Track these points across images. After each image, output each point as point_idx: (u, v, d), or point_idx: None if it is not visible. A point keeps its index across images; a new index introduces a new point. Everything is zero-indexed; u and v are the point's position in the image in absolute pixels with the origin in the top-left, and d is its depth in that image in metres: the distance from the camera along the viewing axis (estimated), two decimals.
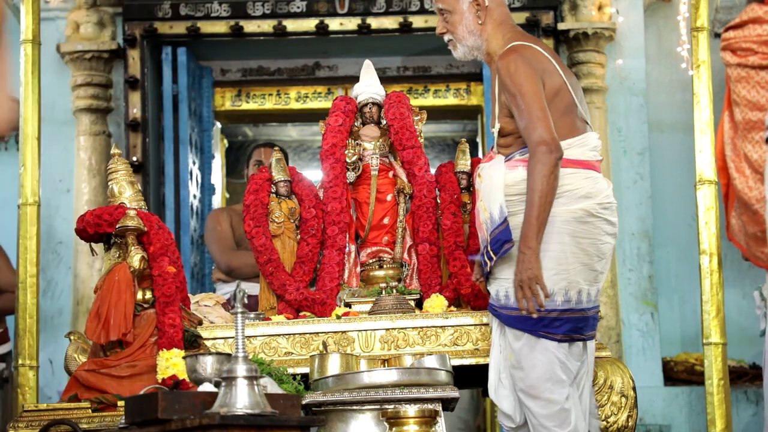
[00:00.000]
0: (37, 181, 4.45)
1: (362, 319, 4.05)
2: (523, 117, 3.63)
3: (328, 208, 4.33)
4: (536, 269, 3.54)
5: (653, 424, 6.41)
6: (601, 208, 3.68)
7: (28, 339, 4.35)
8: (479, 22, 3.85)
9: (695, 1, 4.52)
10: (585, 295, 3.65)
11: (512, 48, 3.74)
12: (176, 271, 3.86)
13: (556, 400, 3.60)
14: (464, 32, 3.86)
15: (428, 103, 7.52)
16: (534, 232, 3.55)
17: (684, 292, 6.83)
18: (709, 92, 4.47)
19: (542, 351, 3.61)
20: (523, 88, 3.63)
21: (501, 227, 3.63)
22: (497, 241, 3.64)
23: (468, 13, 3.84)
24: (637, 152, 6.67)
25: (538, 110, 3.60)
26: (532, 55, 3.72)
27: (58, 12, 6.89)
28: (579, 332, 3.66)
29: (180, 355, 3.64)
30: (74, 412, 3.63)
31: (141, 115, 6.75)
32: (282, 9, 6.84)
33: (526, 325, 3.62)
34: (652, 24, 7.07)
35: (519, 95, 3.63)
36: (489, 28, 3.85)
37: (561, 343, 3.62)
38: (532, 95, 3.62)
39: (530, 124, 3.60)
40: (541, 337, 3.61)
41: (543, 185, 3.55)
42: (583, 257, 3.64)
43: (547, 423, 3.59)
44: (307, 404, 3.54)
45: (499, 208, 3.64)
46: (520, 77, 3.64)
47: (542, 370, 3.60)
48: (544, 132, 3.57)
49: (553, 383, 3.60)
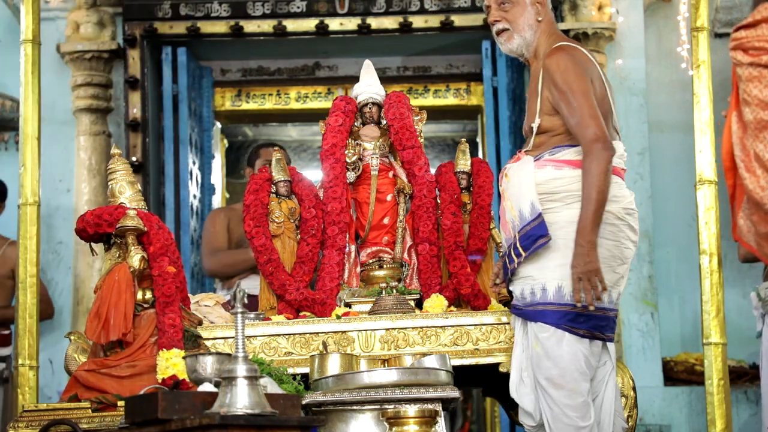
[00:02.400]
0: (37, 181, 4.45)
1: (362, 319, 4.05)
2: (575, 114, 3.67)
3: (328, 208, 4.33)
4: (595, 262, 3.59)
5: (653, 424, 6.41)
6: (625, 213, 3.75)
7: (28, 339, 4.35)
8: (538, 19, 3.90)
9: (695, 1, 4.53)
10: (606, 296, 3.67)
11: (560, 47, 3.79)
12: (176, 271, 3.86)
13: (581, 392, 3.63)
14: (524, 24, 3.91)
15: (428, 103, 7.52)
16: (592, 226, 3.59)
17: (684, 292, 6.83)
18: (709, 92, 4.47)
19: (568, 343, 3.65)
20: (574, 85, 3.68)
21: (534, 223, 3.67)
22: (529, 237, 3.68)
23: (531, 8, 3.90)
24: (637, 152, 6.67)
25: (590, 108, 3.66)
26: (580, 57, 3.77)
27: (58, 12, 6.90)
28: (600, 330, 3.70)
29: (180, 355, 3.64)
30: (74, 412, 3.63)
31: (141, 115, 6.76)
32: (282, 9, 6.85)
33: (552, 319, 3.66)
34: (652, 24, 7.07)
35: (570, 92, 3.68)
36: (543, 27, 3.91)
37: (583, 338, 3.66)
38: (584, 93, 3.67)
39: (583, 121, 3.65)
40: (566, 332, 3.65)
41: (600, 181, 3.60)
42: (607, 257, 3.67)
43: (571, 413, 3.62)
44: (307, 404, 3.54)
45: (530, 205, 3.68)
46: (570, 75, 3.69)
47: (569, 360, 3.64)
48: (598, 129, 3.63)
49: (579, 374, 3.64)
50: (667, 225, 6.86)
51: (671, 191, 6.83)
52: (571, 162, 3.72)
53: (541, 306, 3.68)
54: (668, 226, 6.86)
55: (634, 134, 6.68)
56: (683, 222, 6.73)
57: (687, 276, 6.70)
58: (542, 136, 3.79)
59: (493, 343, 4.03)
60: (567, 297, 3.65)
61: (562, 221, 3.68)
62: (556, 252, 3.67)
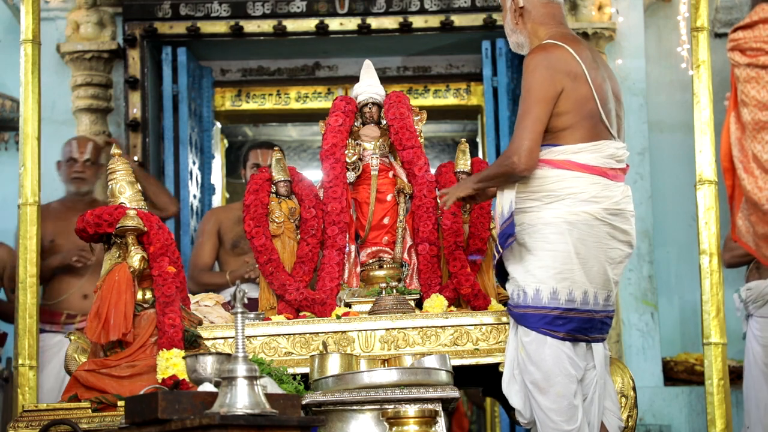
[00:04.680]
0: (37, 181, 4.44)
1: (362, 319, 4.05)
2: (519, 118, 3.69)
3: (328, 208, 4.33)
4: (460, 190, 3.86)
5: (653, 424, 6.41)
6: (608, 213, 3.72)
7: (28, 339, 4.35)
8: (515, 23, 3.93)
9: (695, 1, 4.52)
10: (591, 297, 3.68)
11: (541, 46, 3.79)
12: (176, 271, 3.86)
13: (565, 395, 3.64)
14: (508, 29, 3.99)
15: (428, 103, 7.51)
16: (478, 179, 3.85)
17: (684, 292, 6.83)
18: (709, 92, 4.47)
19: (550, 346, 3.66)
20: (531, 90, 3.68)
21: (508, 221, 3.70)
22: (503, 235, 3.72)
23: (509, 12, 3.94)
24: (637, 152, 6.67)
25: (533, 119, 3.66)
26: (559, 57, 3.73)
27: (58, 12, 6.90)
28: (583, 333, 3.70)
29: (180, 355, 3.64)
30: (74, 412, 3.63)
31: (141, 115, 6.76)
32: (282, 9, 6.85)
33: (530, 323, 3.69)
34: (652, 24, 7.07)
35: (525, 94, 3.69)
36: (530, 27, 3.92)
37: (564, 341, 3.66)
38: (536, 101, 3.66)
39: (520, 128, 3.67)
40: (545, 335, 3.66)
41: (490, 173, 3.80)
42: (590, 259, 3.68)
43: (555, 417, 3.63)
44: (307, 404, 3.54)
45: (509, 204, 3.72)
46: (531, 78, 3.69)
47: (552, 363, 3.65)
48: (523, 141, 3.64)
49: (563, 377, 3.65)
50: (667, 225, 6.86)
51: (671, 191, 6.83)
52: (551, 162, 3.72)
53: (522, 309, 3.72)
54: (668, 226, 6.86)
55: (634, 134, 6.68)
56: (683, 222, 6.73)
57: (687, 276, 6.71)
58: None
59: (493, 343, 4.03)
60: (545, 300, 3.67)
61: (541, 223, 3.70)
62: (534, 254, 3.71)
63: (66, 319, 5.66)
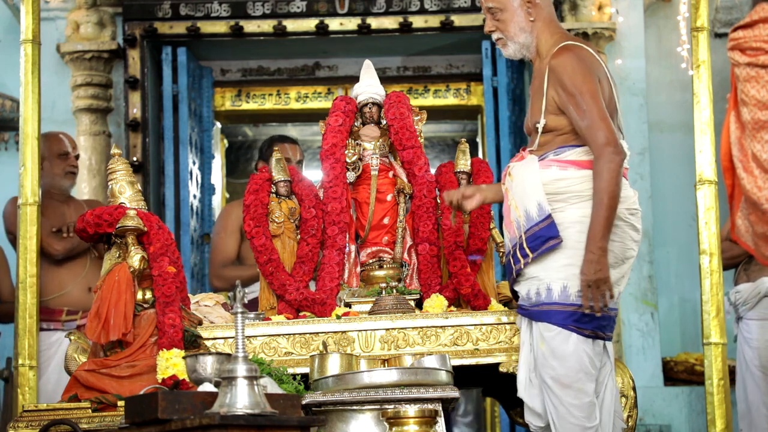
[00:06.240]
0: (37, 181, 4.44)
1: (362, 319, 4.05)
2: (585, 117, 3.64)
3: (328, 208, 4.33)
4: (606, 270, 3.57)
5: (653, 424, 6.41)
6: (629, 213, 3.73)
7: (28, 339, 4.35)
8: (531, 19, 3.84)
9: (695, 1, 4.52)
10: (616, 295, 3.68)
11: (567, 47, 3.75)
12: (176, 271, 3.86)
13: (587, 392, 3.63)
14: (516, 30, 3.86)
15: (428, 103, 7.52)
16: (603, 232, 3.57)
17: (684, 292, 6.84)
18: (709, 92, 4.46)
19: (574, 343, 3.64)
20: (583, 87, 3.64)
21: (543, 224, 3.65)
22: (537, 238, 3.66)
23: (520, 11, 3.84)
24: (637, 152, 6.67)
25: (599, 111, 3.63)
26: (587, 56, 3.73)
27: (58, 12, 6.90)
28: (602, 330, 3.71)
29: (180, 355, 3.64)
30: (74, 412, 3.63)
31: (141, 115, 6.76)
32: (282, 9, 6.85)
33: (558, 319, 3.65)
34: (652, 24, 7.07)
35: (579, 95, 3.64)
36: (539, 26, 3.85)
37: (587, 338, 3.66)
38: (593, 95, 3.64)
39: (593, 124, 3.62)
40: (572, 332, 3.64)
41: (612, 186, 3.58)
42: (611, 258, 3.66)
43: (577, 413, 3.62)
44: (307, 404, 3.54)
45: (538, 206, 3.66)
46: (578, 77, 3.66)
47: (575, 360, 3.63)
48: (609, 133, 3.61)
49: (584, 374, 3.64)
50: (667, 225, 6.86)
51: (671, 191, 6.83)
52: (576, 162, 3.70)
53: (546, 306, 3.68)
54: (668, 226, 6.86)
55: (634, 134, 6.68)
56: (683, 222, 6.74)
57: (687, 276, 6.71)
58: (547, 135, 3.77)
59: (493, 343, 4.03)
60: (572, 297, 3.64)
61: (567, 221, 3.67)
62: (561, 252, 3.66)
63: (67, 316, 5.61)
